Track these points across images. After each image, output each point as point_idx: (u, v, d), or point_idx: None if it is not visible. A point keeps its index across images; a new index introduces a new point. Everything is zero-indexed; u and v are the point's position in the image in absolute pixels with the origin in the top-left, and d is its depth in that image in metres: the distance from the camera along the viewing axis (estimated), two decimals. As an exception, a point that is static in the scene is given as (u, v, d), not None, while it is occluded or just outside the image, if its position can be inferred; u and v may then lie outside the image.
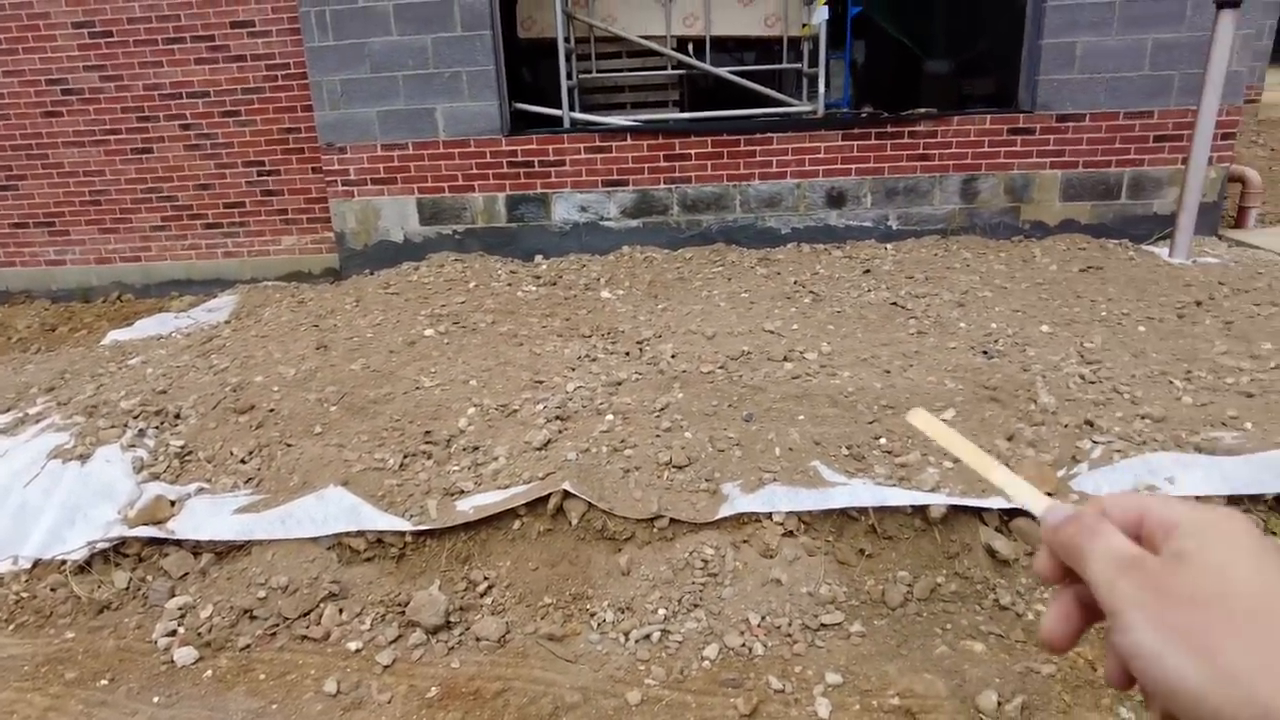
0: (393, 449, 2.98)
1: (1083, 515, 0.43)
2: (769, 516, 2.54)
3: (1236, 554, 0.37)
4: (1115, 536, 0.41)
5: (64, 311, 6.36)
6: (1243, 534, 0.38)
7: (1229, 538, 0.38)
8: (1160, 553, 0.40)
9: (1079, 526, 0.43)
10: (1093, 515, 0.43)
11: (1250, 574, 0.36)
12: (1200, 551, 0.38)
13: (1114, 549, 0.41)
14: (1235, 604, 0.36)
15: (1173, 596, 0.37)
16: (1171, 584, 0.37)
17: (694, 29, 6.24)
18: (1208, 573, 0.37)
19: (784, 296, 4.46)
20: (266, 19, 5.92)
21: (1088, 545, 0.41)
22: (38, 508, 3.04)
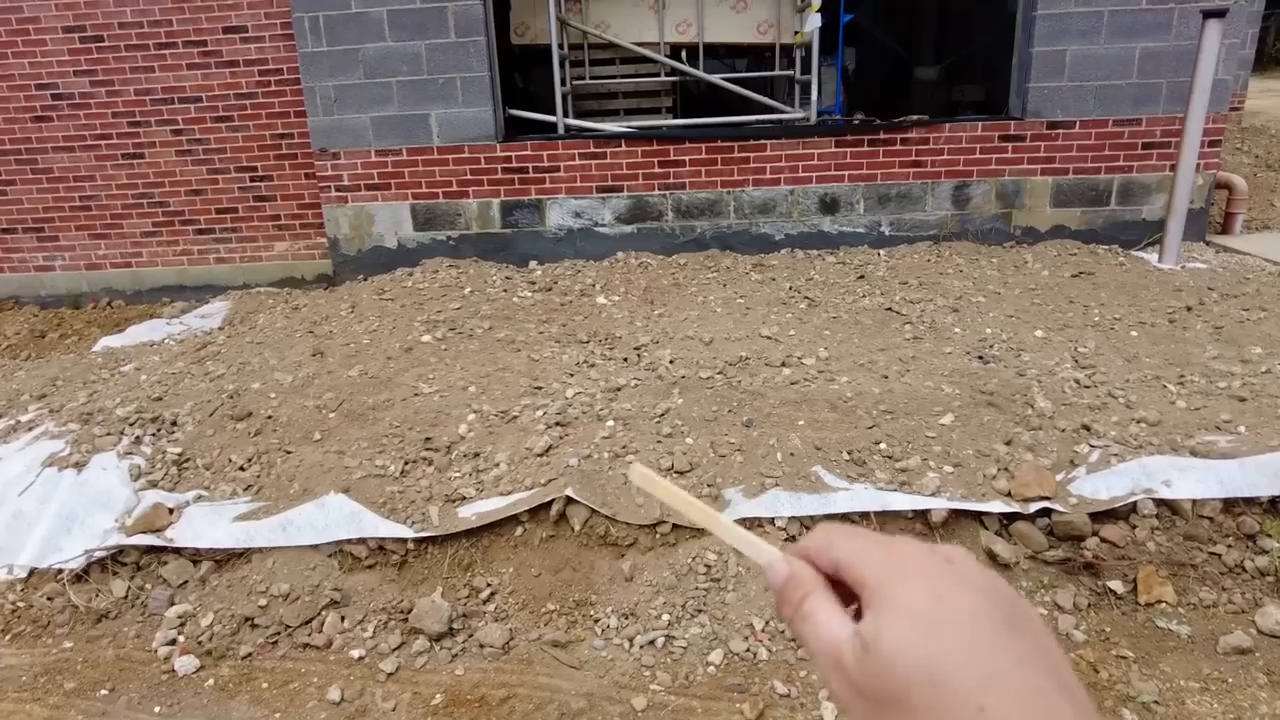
0: (393, 455, 2.97)
1: (793, 582, 0.42)
2: (771, 521, 2.55)
3: (911, 638, 0.36)
4: (819, 620, 0.40)
5: (53, 318, 6.30)
6: (924, 598, 0.37)
7: (910, 613, 0.37)
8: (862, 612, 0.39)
9: (790, 603, 0.42)
10: (801, 584, 0.42)
11: (919, 662, 0.35)
12: (877, 643, 0.36)
13: (820, 641, 0.40)
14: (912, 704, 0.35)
15: (866, 699, 0.37)
16: (863, 684, 0.37)
17: (687, 36, 6.27)
18: (886, 670, 0.36)
19: (780, 302, 4.49)
20: (259, 24, 5.90)
21: (799, 630, 0.41)
22: (33, 516, 3.02)
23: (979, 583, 0.38)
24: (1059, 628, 2.35)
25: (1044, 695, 0.34)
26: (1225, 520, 2.57)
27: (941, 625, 0.36)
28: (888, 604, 0.37)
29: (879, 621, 0.37)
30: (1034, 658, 0.36)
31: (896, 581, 0.38)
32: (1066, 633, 2.34)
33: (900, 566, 0.39)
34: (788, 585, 0.42)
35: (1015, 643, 0.36)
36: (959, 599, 0.37)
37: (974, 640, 0.35)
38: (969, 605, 0.37)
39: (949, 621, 0.36)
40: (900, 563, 0.39)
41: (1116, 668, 2.21)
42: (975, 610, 0.37)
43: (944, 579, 0.38)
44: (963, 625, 0.36)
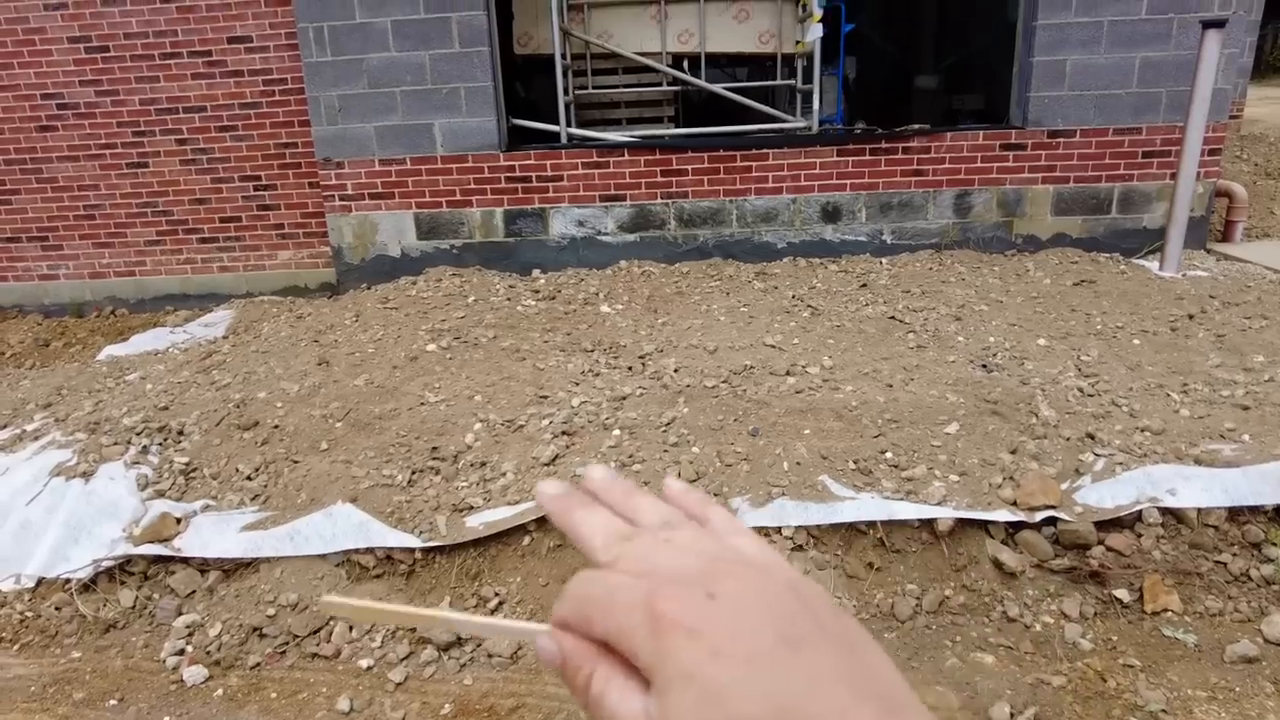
0: (400, 465, 2.98)
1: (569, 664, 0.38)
2: (778, 531, 2.56)
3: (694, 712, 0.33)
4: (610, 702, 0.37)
5: (57, 326, 6.31)
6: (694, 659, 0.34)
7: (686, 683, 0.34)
8: None
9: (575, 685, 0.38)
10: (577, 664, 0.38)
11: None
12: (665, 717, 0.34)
13: None
14: None
15: None
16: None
17: (689, 45, 6.30)
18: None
19: (783, 311, 4.50)
20: (264, 34, 5.93)
21: (592, 715, 0.37)
22: (40, 526, 3.02)
23: (752, 604, 0.35)
24: (1066, 636, 2.36)
25: (840, 707, 0.32)
26: (1230, 529, 2.58)
27: (721, 687, 0.33)
28: (665, 679, 0.34)
29: (666, 699, 0.34)
30: (825, 670, 0.33)
31: (665, 648, 0.34)
32: (1074, 641, 2.34)
33: (663, 628, 0.34)
34: (565, 668, 0.38)
35: (802, 661, 0.33)
36: (734, 644, 0.33)
37: (756, 688, 0.32)
38: (745, 646, 0.33)
39: (728, 678, 0.33)
40: (662, 623, 0.35)
41: (1124, 676, 2.22)
42: (752, 650, 0.33)
43: (712, 623, 0.34)
44: (743, 677, 0.33)
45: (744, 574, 0.36)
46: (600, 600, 0.37)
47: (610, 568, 0.39)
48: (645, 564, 0.38)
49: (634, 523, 0.43)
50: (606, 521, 0.42)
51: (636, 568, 0.38)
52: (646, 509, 0.43)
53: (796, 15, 6.15)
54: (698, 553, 0.38)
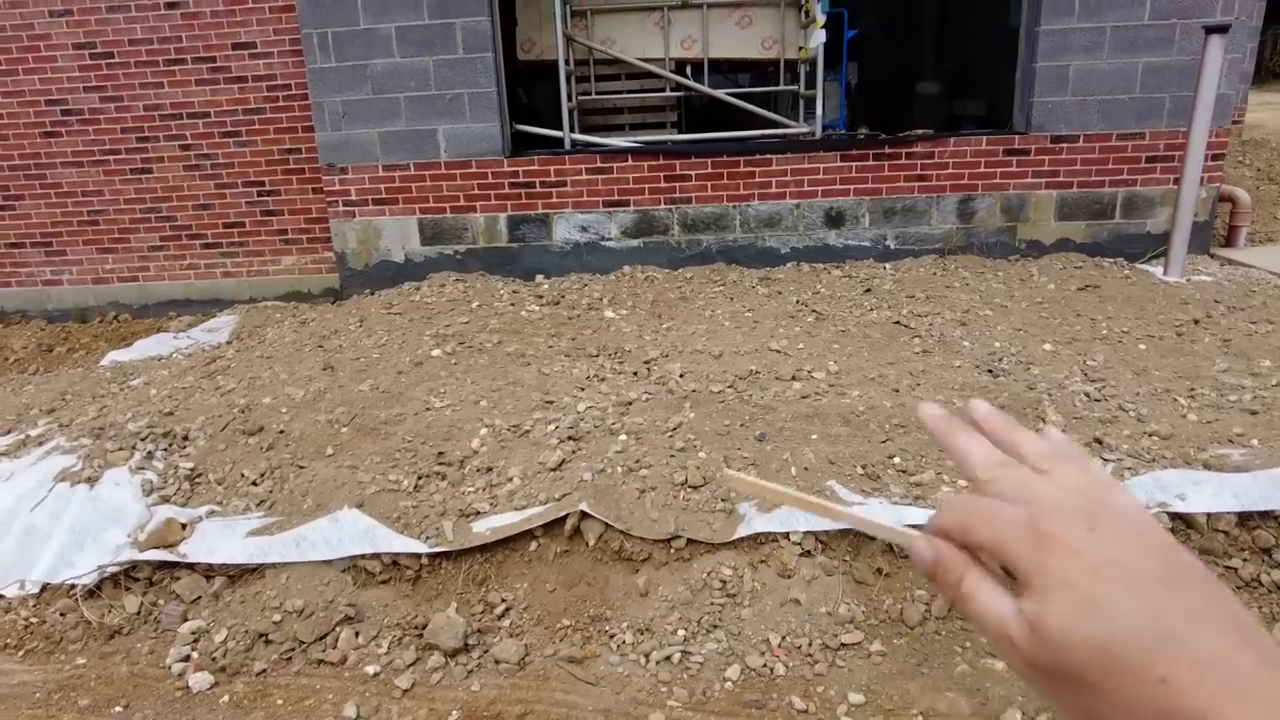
0: (406, 470, 2.97)
1: (944, 565, 0.42)
2: (786, 536, 2.55)
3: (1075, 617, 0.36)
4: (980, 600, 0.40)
5: (60, 332, 6.32)
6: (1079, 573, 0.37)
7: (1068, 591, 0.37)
8: None
9: (947, 583, 0.42)
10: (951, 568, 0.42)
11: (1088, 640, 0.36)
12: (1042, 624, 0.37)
13: (985, 620, 0.40)
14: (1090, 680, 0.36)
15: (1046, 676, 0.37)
16: (1039, 663, 0.37)
17: (692, 51, 6.31)
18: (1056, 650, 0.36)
19: (787, 316, 4.50)
20: (268, 41, 5.95)
21: (963, 609, 0.42)
22: (45, 532, 3.01)
23: (1130, 543, 0.38)
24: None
25: (1222, 650, 0.34)
26: (1241, 534, 2.57)
27: (1102, 599, 0.36)
28: (1044, 584, 0.37)
29: (1040, 603, 0.37)
30: (1202, 611, 0.35)
31: (1047, 564, 0.37)
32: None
33: (1046, 543, 0.38)
34: (938, 569, 0.42)
35: (1181, 600, 0.35)
36: (1114, 568, 0.37)
37: (1139, 609, 0.35)
38: (1126, 572, 0.36)
39: (1109, 594, 0.36)
40: (1045, 544, 0.38)
41: (1135, 683, 2.20)
42: (1133, 576, 0.36)
43: (1094, 549, 0.37)
44: (1124, 595, 0.36)
45: (1122, 517, 0.39)
46: (983, 513, 0.41)
47: (986, 489, 0.42)
48: (1024, 491, 0.41)
49: (1015, 454, 0.45)
50: (988, 447, 0.45)
51: (1014, 493, 0.41)
52: (1029, 443, 0.45)
53: (799, 21, 6.16)
54: (1076, 491, 0.40)
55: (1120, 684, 0.35)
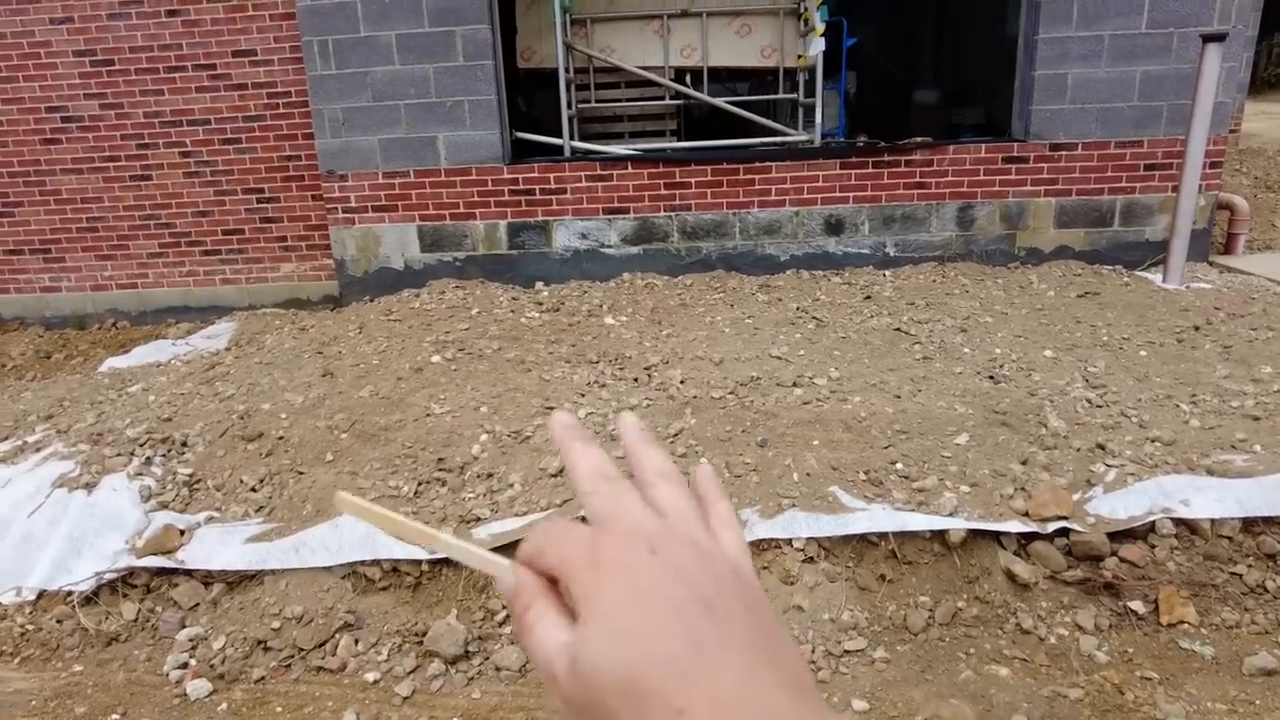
0: (406, 476, 2.96)
1: (517, 593, 0.40)
2: (789, 543, 2.54)
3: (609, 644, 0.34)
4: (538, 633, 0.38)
5: (58, 339, 6.30)
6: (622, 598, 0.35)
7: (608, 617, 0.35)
8: None
9: (514, 614, 0.40)
10: (522, 595, 0.40)
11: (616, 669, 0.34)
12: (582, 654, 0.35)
13: (538, 654, 0.38)
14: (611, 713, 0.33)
15: (576, 711, 0.35)
16: (572, 697, 0.35)
17: (691, 60, 6.33)
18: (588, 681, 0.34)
19: (787, 322, 4.49)
20: (268, 48, 5.95)
21: (523, 643, 0.39)
22: (42, 538, 3.00)
23: (687, 570, 0.36)
24: (1081, 648, 2.34)
25: (746, 677, 0.32)
26: (1245, 540, 2.56)
27: (637, 627, 0.34)
28: (590, 611, 0.35)
29: (582, 630, 0.35)
30: (735, 638, 0.33)
31: (598, 585, 0.36)
32: (1089, 653, 2.32)
33: (601, 568, 0.36)
34: (515, 598, 0.40)
35: (717, 627, 0.34)
36: (657, 593, 0.35)
37: (671, 636, 0.33)
38: (666, 598, 0.34)
39: (645, 621, 0.34)
40: (601, 562, 0.36)
41: (1142, 689, 2.19)
42: (673, 602, 0.34)
43: (644, 573, 0.35)
44: (659, 623, 0.34)
45: (693, 547, 0.37)
46: (555, 534, 0.39)
47: (584, 501, 0.41)
48: (612, 506, 0.39)
49: (635, 470, 0.43)
50: (599, 460, 0.43)
51: (603, 508, 0.39)
52: (650, 462, 0.43)
53: (798, 30, 6.19)
54: (664, 511, 0.39)
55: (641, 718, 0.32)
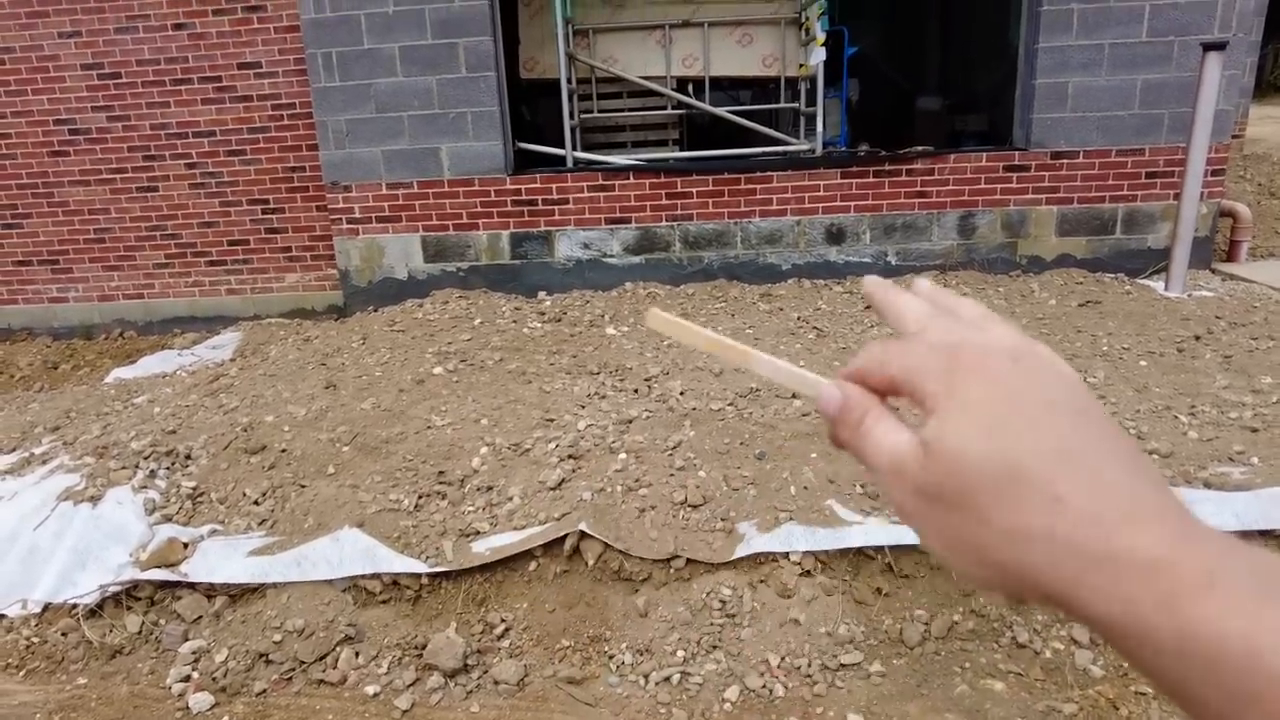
0: (407, 489, 2.98)
1: (849, 405, 0.40)
2: (786, 556, 2.55)
3: (977, 432, 0.34)
4: (879, 433, 0.39)
5: (66, 349, 6.35)
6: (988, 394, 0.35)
7: (974, 409, 0.35)
8: None
9: (848, 424, 0.40)
10: (856, 406, 0.40)
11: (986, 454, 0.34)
12: (940, 441, 0.35)
13: (880, 451, 0.39)
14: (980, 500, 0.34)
15: (932, 501, 0.36)
16: (927, 486, 0.36)
17: (693, 69, 6.36)
18: (950, 467, 0.35)
19: (788, 333, 4.51)
20: (273, 60, 6.01)
21: (858, 448, 0.40)
22: (48, 551, 3.03)
23: (1048, 375, 0.36)
24: (1077, 663, 2.34)
25: (1122, 471, 0.33)
26: (1241, 553, 2.56)
27: (1008, 417, 0.34)
28: (950, 405, 0.36)
29: (942, 421, 0.36)
30: (1110, 445, 0.34)
31: (958, 384, 0.36)
32: (1084, 668, 2.32)
33: (961, 370, 0.36)
34: (843, 410, 0.40)
35: (1090, 429, 0.34)
36: (1026, 393, 0.35)
37: (1045, 429, 0.34)
38: (1036, 397, 0.35)
39: (1016, 413, 0.34)
40: (961, 367, 0.37)
41: (1136, 704, 2.19)
42: (1044, 401, 0.35)
43: (1009, 376, 0.36)
44: (1031, 416, 0.34)
45: (1051, 360, 0.38)
46: (901, 346, 0.40)
47: (917, 336, 0.41)
48: (953, 335, 0.39)
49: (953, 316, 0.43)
50: (925, 304, 0.43)
51: (942, 338, 0.40)
52: (967, 307, 0.43)
53: (799, 39, 6.21)
54: (1006, 339, 0.39)
55: (1010, 505, 0.33)
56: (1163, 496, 0.33)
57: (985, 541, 0.34)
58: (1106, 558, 0.32)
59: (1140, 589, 0.31)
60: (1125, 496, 0.32)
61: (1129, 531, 0.32)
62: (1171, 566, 0.31)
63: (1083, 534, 0.32)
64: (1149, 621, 0.31)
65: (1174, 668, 0.31)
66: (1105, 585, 0.32)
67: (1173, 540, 0.31)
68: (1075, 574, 0.32)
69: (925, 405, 0.37)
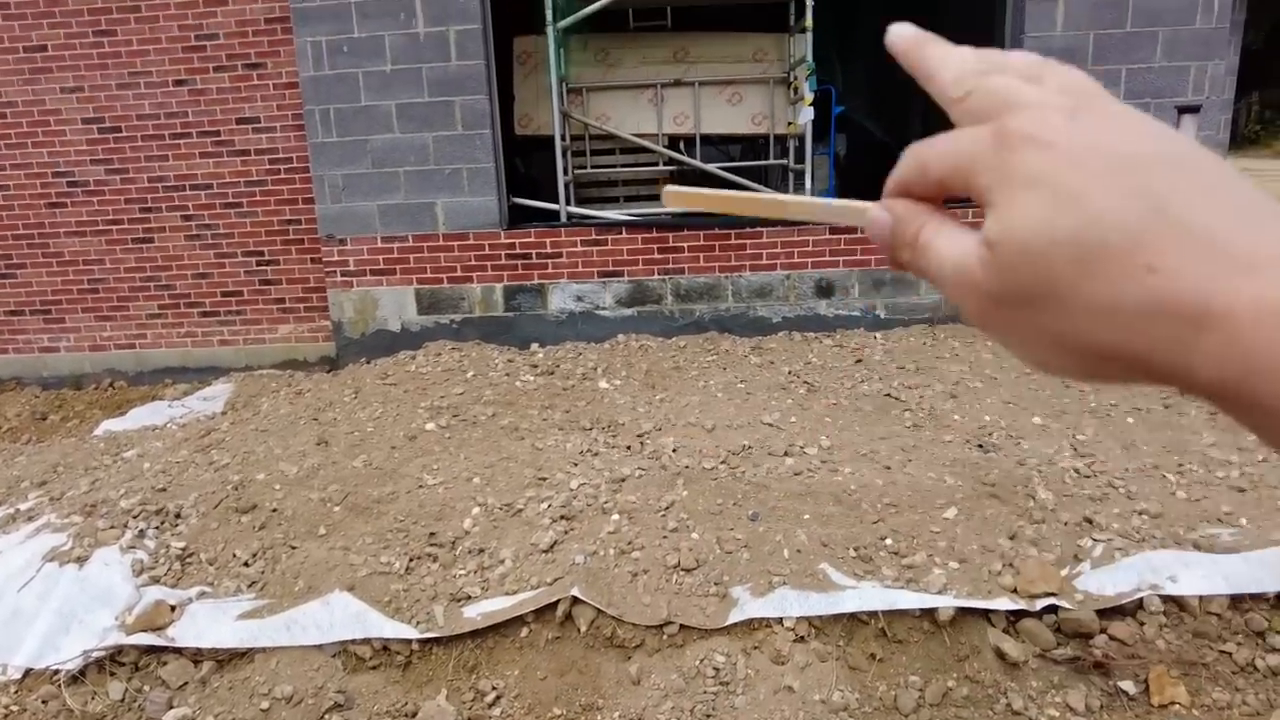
0: (398, 551, 2.97)
1: (901, 224, 0.37)
2: (779, 621, 2.54)
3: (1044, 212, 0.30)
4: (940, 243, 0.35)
5: (55, 399, 6.32)
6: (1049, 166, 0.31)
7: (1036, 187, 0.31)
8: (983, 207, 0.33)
9: (905, 245, 0.37)
10: (909, 222, 0.36)
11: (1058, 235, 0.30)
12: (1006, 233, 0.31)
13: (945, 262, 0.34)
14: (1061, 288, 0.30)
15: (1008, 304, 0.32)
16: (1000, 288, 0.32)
17: (684, 127, 6.51)
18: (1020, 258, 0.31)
19: (779, 387, 4.54)
20: (271, 116, 6.11)
21: (922, 265, 0.36)
22: (32, 613, 2.98)
23: (1120, 128, 0.31)
24: (1072, 732, 2.33)
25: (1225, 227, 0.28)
26: (1233, 616, 2.57)
27: (1077, 189, 0.29)
28: (1008, 191, 0.31)
29: (1007, 212, 0.31)
30: (1205, 192, 0.29)
31: (1012, 164, 0.31)
32: (1080, 737, 2.31)
33: (1011, 146, 0.31)
34: (895, 230, 0.36)
35: (1178, 181, 0.29)
36: (1095, 155, 0.30)
37: (1123, 193, 0.29)
38: (1109, 158, 0.30)
39: (1087, 183, 0.29)
40: (1010, 142, 0.32)
41: (1133, 776, 2.18)
42: (1119, 160, 0.30)
43: (1072, 138, 0.31)
44: (1106, 182, 0.29)
45: (1114, 104, 0.32)
46: (938, 143, 0.35)
47: (959, 107, 0.35)
48: (1006, 95, 0.33)
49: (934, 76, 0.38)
50: (964, 56, 0.37)
51: (994, 101, 0.34)
52: (1016, 56, 0.36)
53: (788, 98, 6.37)
54: (1064, 89, 0.33)
55: (1098, 285, 0.29)
56: None
57: (1076, 329, 0.31)
58: (1223, 316, 0.27)
59: (1268, 343, 0.27)
60: (1242, 243, 0.28)
61: (1249, 283, 0.27)
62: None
63: (1189, 297, 0.28)
64: None
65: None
66: (1219, 348, 0.28)
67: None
68: (1184, 342, 0.28)
69: (983, 201, 0.33)
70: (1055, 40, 5.34)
